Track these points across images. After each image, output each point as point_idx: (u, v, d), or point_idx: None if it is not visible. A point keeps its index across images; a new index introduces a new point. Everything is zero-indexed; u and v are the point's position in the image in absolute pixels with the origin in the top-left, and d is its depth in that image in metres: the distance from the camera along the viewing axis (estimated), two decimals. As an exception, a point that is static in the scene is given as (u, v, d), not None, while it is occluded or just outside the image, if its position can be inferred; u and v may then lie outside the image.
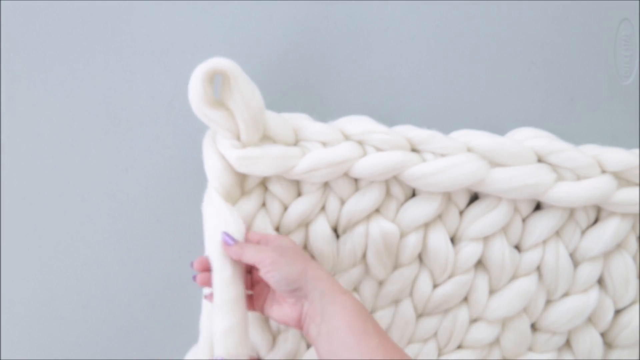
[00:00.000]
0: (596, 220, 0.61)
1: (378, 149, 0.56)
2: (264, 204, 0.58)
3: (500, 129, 0.61)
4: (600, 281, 0.62)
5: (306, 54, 0.61)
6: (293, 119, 0.57)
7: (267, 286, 0.52)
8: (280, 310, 0.49)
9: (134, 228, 0.61)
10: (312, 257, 0.58)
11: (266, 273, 0.47)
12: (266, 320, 0.59)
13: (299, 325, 0.48)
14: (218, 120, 0.52)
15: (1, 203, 0.60)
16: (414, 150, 0.58)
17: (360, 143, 0.57)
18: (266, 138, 0.55)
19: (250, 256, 0.48)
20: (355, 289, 0.60)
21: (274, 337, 0.59)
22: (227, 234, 0.50)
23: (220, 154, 0.54)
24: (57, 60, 0.59)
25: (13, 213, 0.60)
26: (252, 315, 0.58)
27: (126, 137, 0.60)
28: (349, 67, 0.61)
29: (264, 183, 0.57)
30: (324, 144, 0.56)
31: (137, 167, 0.61)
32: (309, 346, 0.60)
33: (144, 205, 0.61)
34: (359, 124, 0.57)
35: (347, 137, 0.57)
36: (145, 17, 0.59)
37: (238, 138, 0.53)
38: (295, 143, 0.56)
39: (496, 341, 0.63)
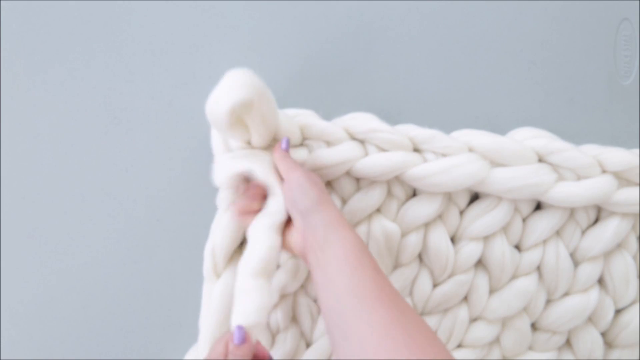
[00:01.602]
0: (596, 220, 0.61)
1: (380, 149, 0.56)
2: None
3: (501, 129, 0.61)
4: (601, 281, 0.62)
5: (308, 53, 0.61)
6: (299, 117, 0.57)
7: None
8: (289, 236, 0.50)
9: (134, 228, 0.61)
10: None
11: (289, 188, 0.48)
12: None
13: (303, 253, 0.48)
14: (235, 136, 0.52)
15: (1, 203, 0.60)
16: (415, 149, 0.58)
17: (364, 142, 0.57)
18: (274, 140, 0.55)
19: (289, 163, 0.50)
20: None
21: (272, 337, 0.59)
22: (287, 140, 0.52)
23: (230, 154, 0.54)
24: (57, 60, 0.59)
25: (13, 213, 0.60)
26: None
27: (126, 137, 0.60)
28: (350, 67, 0.61)
29: None
30: (328, 143, 0.56)
31: (137, 167, 0.61)
32: (308, 345, 0.60)
33: (143, 205, 0.61)
34: (363, 123, 0.57)
35: (351, 136, 0.57)
36: (145, 17, 0.59)
37: (249, 142, 0.53)
38: (301, 142, 0.56)
39: (496, 340, 0.63)
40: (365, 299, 0.39)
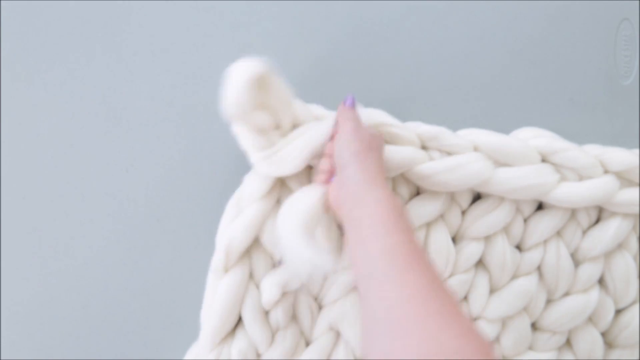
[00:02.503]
0: (597, 220, 0.61)
1: (387, 142, 0.56)
2: (278, 201, 0.57)
3: (501, 129, 0.61)
4: (601, 281, 0.62)
5: (308, 53, 0.61)
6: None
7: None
8: (330, 192, 0.49)
9: (134, 228, 0.61)
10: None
11: (337, 139, 0.48)
12: (265, 316, 0.58)
13: (335, 207, 0.47)
14: (259, 122, 0.51)
15: (1, 203, 0.60)
16: (423, 147, 0.57)
17: None
18: (294, 126, 0.55)
19: (346, 115, 0.50)
20: (357, 287, 0.60)
21: (272, 334, 0.59)
22: (352, 97, 0.52)
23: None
24: (57, 60, 0.59)
25: (13, 213, 0.60)
26: (251, 314, 0.58)
27: (126, 137, 0.60)
28: (353, 66, 0.61)
29: (281, 179, 0.57)
30: None
31: (137, 167, 0.61)
32: (307, 344, 0.60)
33: (144, 205, 0.61)
34: (373, 116, 0.56)
35: None
36: (145, 17, 0.59)
37: (277, 127, 0.53)
38: None
39: (496, 340, 0.63)
40: (397, 262, 0.38)
